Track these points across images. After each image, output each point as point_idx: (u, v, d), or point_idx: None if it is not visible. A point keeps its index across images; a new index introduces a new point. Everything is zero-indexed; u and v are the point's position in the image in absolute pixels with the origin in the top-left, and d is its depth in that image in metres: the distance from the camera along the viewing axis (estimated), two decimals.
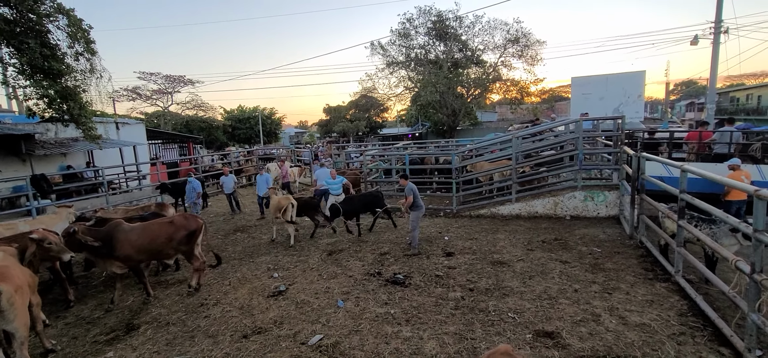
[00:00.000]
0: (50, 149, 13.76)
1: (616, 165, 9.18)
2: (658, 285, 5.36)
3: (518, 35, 27.44)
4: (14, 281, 3.70)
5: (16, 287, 3.66)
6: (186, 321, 5.08)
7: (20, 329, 3.60)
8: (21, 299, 3.69)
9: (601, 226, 8.52)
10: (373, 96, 37.44)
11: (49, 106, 10.99)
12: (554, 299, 5.13)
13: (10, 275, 3.72)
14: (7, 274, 3.71)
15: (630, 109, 19.52)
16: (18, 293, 3.67)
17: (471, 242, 7.88)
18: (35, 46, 9.93)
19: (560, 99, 40.26)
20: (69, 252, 4.90)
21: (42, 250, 4.83)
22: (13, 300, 3.54)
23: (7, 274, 3.72)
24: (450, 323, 4.63)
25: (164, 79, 39.44)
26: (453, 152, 10.98)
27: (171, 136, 25.61)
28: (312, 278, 6.33)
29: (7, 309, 3.48)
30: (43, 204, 11.18)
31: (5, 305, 3.47)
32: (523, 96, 30.27)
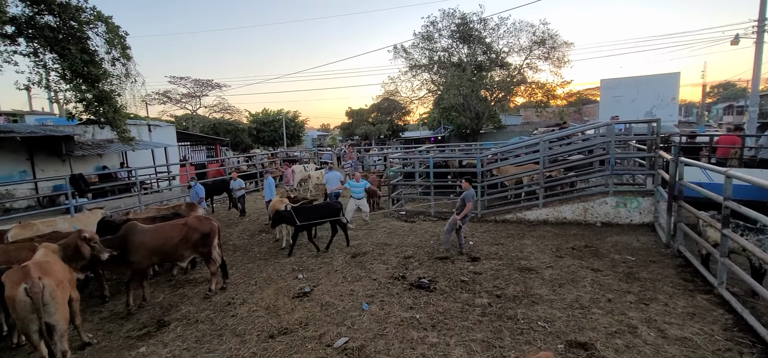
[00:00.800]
0: (87, 150, 14.41)
1: (652, 170, 8.80)
2: (699, 297, 5.08)
3: (545, 37, 26.90)
4: (56, 276, 3.86)
5: (57, 282, 3.81)
6: (214, 319, 5.17)
7: (60, 322, 3.75)
8: (62, 294, 3.83)
9: (635, 233, 8.17)
10: (395, 99, 37.48)
11: (86, 109, 11.52)
12: (586, 308, 4.93)
13: (52, 270, 3.88)
14: (49, 269, 3.87)
15: (663, 113, 18.68)
16: (59, 287, 3.82)
17: (497, 247, 7.71)
18: (76, 52, 10.42)
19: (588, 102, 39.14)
20: (107, 251, 5.02)
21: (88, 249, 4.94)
22: (55, 294, 3.69)
23: (50, 269, 3.88)
24: (477, 330, 4.52)
25: (193, 83, 40.85)
26: (477, 156, 10.81)
27: (199, 138, 26.41)
28: (336, 281, 6.33)
29: (49, 302, 3.63)
30: (80, 203, 11.70)
31: (48, 299, 3.62)
32: (549, 99, 29.60)
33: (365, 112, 46.84)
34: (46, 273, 3.69)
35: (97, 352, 4.49)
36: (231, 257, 8.02)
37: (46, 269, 3.75)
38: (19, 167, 13.65)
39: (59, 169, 14.41)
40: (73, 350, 4.46)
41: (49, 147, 13.98)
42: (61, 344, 3.73)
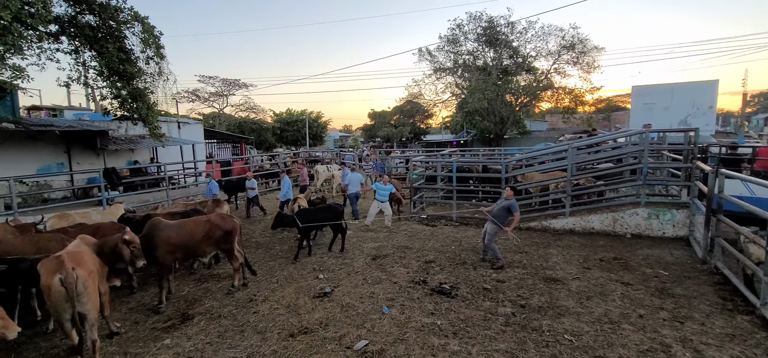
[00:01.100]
0: (120, 145, 15.00)
1: (688, 181, 8.39)
2: (739, 318, 4.78)
3: (574, 41, 26.20)
4: (88, 267, 3.99)
5: (89, 272, 3.94)
6: (236, 315, 5.24)
7: (92, 312, 3.88)
8: (92, 284, 3.96)
9: (668, 247, 7.81)
10: (418, 102, 37.35)
11: (121, 105, 12.00)
12: (616, 323, 4.73)
13: (84, 261, 4.02)
14: (82, 259, 4.01)
15: (699, 122, 17.89)
16: (90, 277, 3.95)
17: (521, 256, 7.52)
18: (113, 50, 10.86)
19: (617, 109, 37.90)
20: (143, 259, 4.99)
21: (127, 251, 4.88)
22: (87, 284, 3.82)
23: (82, 259, 4.02)
24: (500, 340, 4.40)
25: (221, 82, 41.92)
26: (502, 161, 10.60)
27: (225, 137, 27.07)
28: (356, 282, 6.32)
29: (82, 292, 3.75)
30: (112, 195, 12.17)
31: (81, 289, 3.75)
32: (577, 105, 28.78)
33: (388, 114, 46.94)
34: (79, 263, 3.81)
35: (124, 342, 4.62)
36: (253, 254, 8.13)
37: (79, 260, 3.88)
38: (57, 159, 14.33)
39: (94, 162, 15.04)
40: (101, 338, 4.61)
41: (85, 141, 14.62)
42: (91, 332, 3.86)
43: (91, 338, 3.84)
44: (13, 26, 8.39)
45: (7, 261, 4.47)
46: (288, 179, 11.50)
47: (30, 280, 4.74)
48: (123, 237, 4.70)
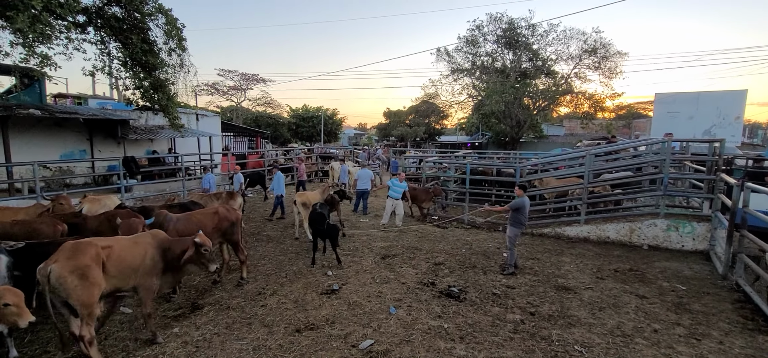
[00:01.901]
0: (140, 134, 15.35)
1: (710, 194, 8.11)
2: (760, 338, 4.59)
3: (596, 46, 25.59)
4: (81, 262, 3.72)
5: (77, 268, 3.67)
6: (244, 307, 5.29)
7: (78, 307, 3.65)
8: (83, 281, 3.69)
9: (687, 260, 7.57)
10: (434, 102, 37.12)
11: (143, 95, 12.27)
12: (629, 337, 4.60)
13: (79, 256, 3.78)
14: (75, 254, 3.78)
15: (724, 132, 17.28)
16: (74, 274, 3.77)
17: (532, 262, 7.40)
18: (137, 41, 11.10)
19: (638, 116, 36.99)
20: (215, 265, 4.78)
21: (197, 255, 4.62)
22: (64, 280, 3.60)
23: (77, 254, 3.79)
24: (508, 348, 4.33)
25: (240, 76, 42.48)
26: (517, 165, 10.45)
27: (241, 130, 27.45)
28: (365, 281, 6.31)
29: (56, 287, 3.59)
30: (130, 183, 12.47)
31: (54, 283, 3.58)
32: (596, 111, 28.16)
33: (403, 113, 46.86)
34: (69, 258, 3.69)
35: (134, 329, 4.72)
36: (263, 247, 8.22)
37: (71, 254, 3.74)
38: (80, 146, 14.76)
39: (114, 150, 15.44)
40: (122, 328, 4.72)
41: (107, 129, 15.03)
42: (79, 326, 3.73)
43: (79, 332, 3.70)
44: (42, 15, 8.65)
45: (27, 245, 4.59)
46: (281, 174, 11.26)
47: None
48: (194, 240, 4.56)
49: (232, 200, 8.65)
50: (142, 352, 4.18)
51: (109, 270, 3.95)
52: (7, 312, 3.05)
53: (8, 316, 3.07)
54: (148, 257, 4.30)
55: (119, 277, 4.07)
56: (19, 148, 12.35)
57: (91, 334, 3.74)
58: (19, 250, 4.39)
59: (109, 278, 3.95)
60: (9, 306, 3.04)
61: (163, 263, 4.44)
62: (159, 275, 4.42)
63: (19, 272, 4.33)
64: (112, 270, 3.98)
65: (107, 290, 3.98)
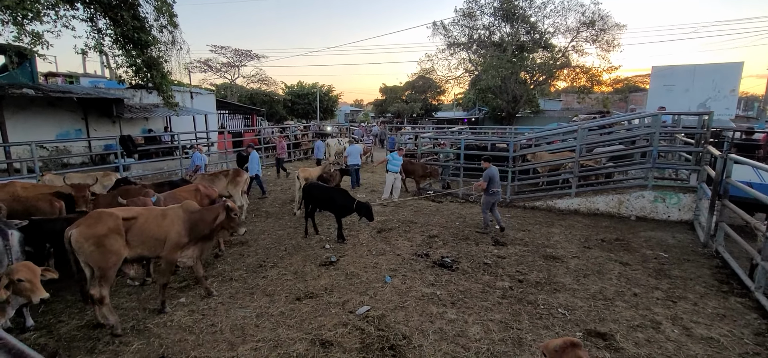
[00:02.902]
0: (135, 113, 15.31)
1: (697, 165, 8.34)
2: (732, 299, 4.90)
3: (595, 18, 25.33)
4: (98, 231, 4.04)
5: (95, 236, 4.02)
6: (247, 279, 5.53)
7: (96, 269, 4.04)
8: (100, 246, 4.04)
9: (671, 230, 7.86)
10: (430, 78, 36.88)
11: (136, 74, 12.20)
12: (610, 300, 4.89)
13: (97, 225, 4.12)
14: (95, 222, 4.11)
15: (719, 105, 17.43)
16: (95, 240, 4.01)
17: (523, 234, 7.66)
18: (128, 17, 10.98)
19: (635, 90, 36.90)
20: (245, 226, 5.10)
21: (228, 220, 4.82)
22: (82, 245, 4.01)
23: (95, 222, 4.11)
24: (496, 311, 4.61)
25: (233, 52, 41.86)
26: (510, 140, 10.61)
27: (237, 108, 27.28)
28: (361, 253, 6.56)
29: (77, 250, 4.03)
30: (128, 162, 12.55)
31: (75, 247, 3.99)
32: (593, 85, 28.11)
33: (399, 89, 46.51)
34: (89, 226, 4.02)
35: (141, 300, 4.95)
36: (263, 223, 8.44)
37: (91, 222, 4.06)
38: (75, 126, 14.75)
39: (110, 129, 15.44)
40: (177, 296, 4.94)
41: (101, 108, 14.98)
42: (94, 287, 4.07)
43: (94, 293, 4.03)
44: None
45: (35, 221, 4.77)
46: (256, 154, 11.12)
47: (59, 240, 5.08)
48: (225, 205, 4.77)
49: (238, 177, 8.74)
50: (152, 320, 4.42)
51: (131, 240, 4.27)
52: (21, 287, 3.22)
53: (22, 290, 3.24)
54: (175, 231, 4.54)
55: (143, 246, 4.38)
56: (15, 129, 12.36)
57: (102, 294, 4.06)
58: (28, 227, 4.57)
59: (132, 247, 4.28)
60: (22, 282, 3.21)
61: (192, 234, 4.67)
62: (186, 247, 4.66)
63: (30, 247, 4.53)
64: (135, 240, 4.30)
65: (131, 256, 4.32)
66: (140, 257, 4.50)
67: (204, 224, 4.70)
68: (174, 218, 4.58)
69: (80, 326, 4.28)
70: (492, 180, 7.58)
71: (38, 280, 3.30)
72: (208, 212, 4.81)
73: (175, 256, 4.57)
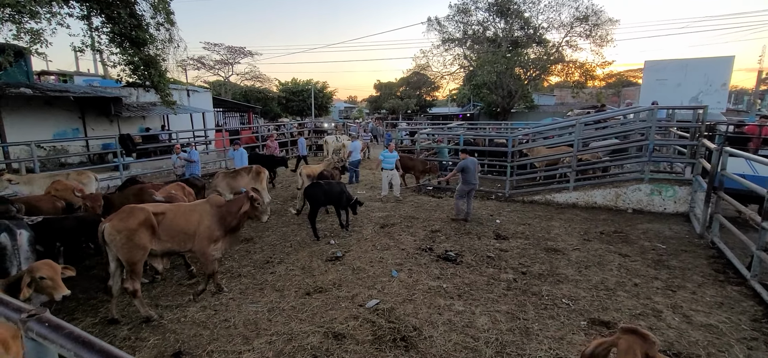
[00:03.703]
0: (133, 112, 15.22)
1: (693, 159, 8.52)
2: (729, 288, 5.06)
3: (588, 13, 25.53)
4: (129, 225, 4.19)
5: (127, 229, 4.17)
6: (255, 275, 5.61)
7: (126, 262, 4.18)
8: (130, 239, 4.21)
9: (668, 222, 8.04)
10: (425, 74, 36.94)
11: (133, 72, 12.14)
12: (612, 290, 5.03)
13: (128, 219, 4.27)
14: (126, 216, 4.25)
15: (711, 99, 17.68)
16: (122, 233, 4.20)
17: (524, 227, 7.80)
18: (125, 15, 10.92)
19: (628, 84, 37.29)
20: (268, 214, 5.20)
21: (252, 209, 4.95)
22: (113, 237, 4.11)
23: (126, 216, 4.26)
24: (502, 303, 4.73)
25: (226, 49, 41.56)
26: (509, 135, 10.74)
27: (232, 105, 27.16)
28: (366, 248, 6.65)
29: (109, 243, 4.19)
30: (127, 161, 12.51)
31: (108, 239, 4.12)
32: (587, 79, 28.37)
33: (394, 85, 46.55)
34: (121, 220, 4.16)
35: (153, 297, 5.00)
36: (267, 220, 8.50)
37: (124, 216, 4.21)
38: (72, 125, 14.62)
39: (107, 128, 15.33)
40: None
41: (98, 107, 14.87)
42: (125, 281, 4.24)
43: (126, 285, 4.22)
44: None
45: (46, 220, 4.80)
46: (244, 150, 10.95)
47: (71, 238, 5.13)
48: (249, 195, 4.90)
49: (261, 173, 8.86)
50: (167, 316, 4.48)
51: (161, 235, 4.40)
52: (43, 285, 3.26)
53: (45, 289, 3.28)
54: (204, 225, 4.65)
55: (173, 241, 4.50)
56: (11, 128, 12.25)
57: (135, 287, 4.22)
58: (39, 224, 4.61)
59: (161, 242, 4.42)
60: (45, 279, 3.25)
61: (222, 227, 4.78)
62: (218, 239, 4.78)
63: (41, 247, 4.57)
64: (164, 235, 4.42)
65: (160, 251, 4.46)
66: (170, 251, 4.60)
67: (231, 216, 4.82)
68: (203, 213, 4.70)
69: (95, 323, 4.34)
70: (466, 170, 8.08)
71: (60, 277, 3.35)
72: (233, 203, 4.95)
73: (209, 249, 4.69)
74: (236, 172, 8.94)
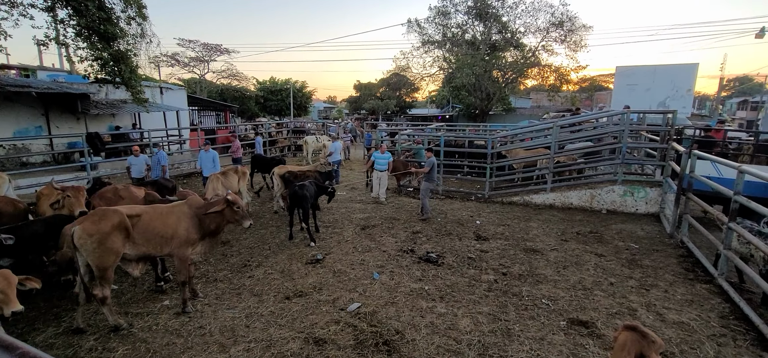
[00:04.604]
0: (102, 109, 14.57)
1: (663, 161, 8.84)
2: (698, 286, 5.26)
3: (563, 19, 26.23)
4: (101, 228, 3.94)
5: (98, 233, 3.92)
6: (232, 279, 5.43)
7: (95, 268, 3.94)
8: (102, 243, 3.95)
9: (640, 222, 8.31)
10: (405, 75, 37.07)
11: (102, 68, 11.59)
12: (589, 290, 5.13)
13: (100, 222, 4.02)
14: (97, 219, 3.99)
15: (677, 104, 18.43)
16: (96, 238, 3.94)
17: (503, 228, 7.89)
18: (93, 8, 10.42)
19: (600, 88, 38.52)
20: (249, 220, 4.75)
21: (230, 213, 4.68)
22: (84, 241, 3.86)
23: (98, 219, 3.99)
24: (483, 304, 4.74)
25: (202, 46, 40.37)
26: (489, 137, 10.87)
27: (208, 104, 26.45)
28: (347, 250, 6.56)
29: (79, 246, 3.93)
30: (95, 161, 11.94)
31: (77, 243, 3.86)
32: (562, 83, 29.15)
33: (374, 86, 46.50)
34: (93, 223, 3.92)
35: (123, 304, 4.76)
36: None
37: (96, 219, 3.97)
38: (35, 123, 13.86)
39: (74, 126, 14.61)
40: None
41: (64, 104, 14.15)
42: (94, 287, 3.99)
43: (95, 292, 3.97)
44: None
45: (13, 228, 4.46)
46: (214, 152, 10.00)
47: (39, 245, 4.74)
48: (226, 197, 4.65)
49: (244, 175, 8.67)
50: (137, 323, 4.26)
51: (136, 238, 4.16)
52: None
53: None
54: (182, 227, 4.41)
55: (148, 244, 4.26)
56: None
57: (105, 293, 3.99)
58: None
59: (136, 245, 4.17)
60: None
61: (201, 230, 4.55)
62: (196, 243, 4.55)
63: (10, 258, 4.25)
64: (139, 238, 4.18)
65: (135, 255, 4.21)
66: (145, 256, 4.35)
67: (209, 219, 4.59)
68: (181, 215, 4.47)
69: (58, 333, 4.08)
70: (433, 168, 8.57)
71: (14, 291, 3.07)
72: (210, 205, 4.72)
73: (187, 252, 4.47)
74: (226, 171, 8.61)
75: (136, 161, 9.17)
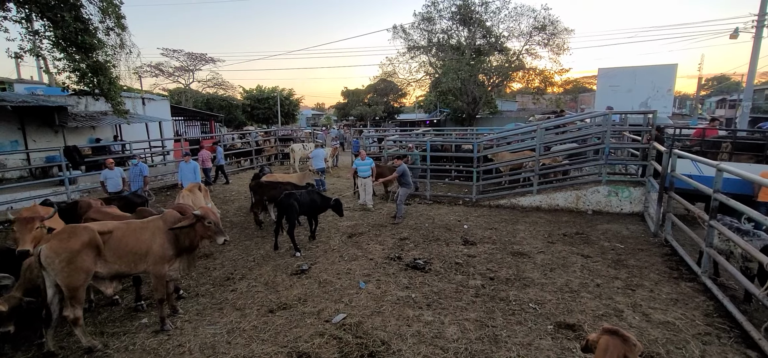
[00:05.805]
0: (81, 122, 14.21)
1: (645, 161, 8.96)
2: (683, 284, 5.29)
3: (545, 23, 26.67)
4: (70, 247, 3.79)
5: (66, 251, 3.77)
6: (214, 293, 5.28)
7: (64, 288, 3.77)
8: (70, 263, 3.80)
9: (625, 222, 8.39)
10: (392, 81, 37.19)
11: (80, 79, 11.30)
12: (576, 292, 5.12)
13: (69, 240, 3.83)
14: (66, 236, 3.82)
15: (658, 104, 18.84)
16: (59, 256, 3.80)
17: (490, 232, 7.88)
18: (70, 19, 10.18)
19: (584, 90, 39.21)
20: (224, 236, 4.48)
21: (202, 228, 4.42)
22: (52, 261, 3.69)
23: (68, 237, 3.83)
24: (471, 310, 4.69)
25: (186, 56, 39.94)
26: (474, 141, 10.89)
27: (193, 114, 26.11)
28: (333, 259, 6.46)
29: (46, 265, 3.74)
30: (74, 175, 11.62)
31: (44, 262, 3.69)
32: (546, 86, 29.58)
33: (361, 92, 46.58)
34: (61, 241, 3.75)
35: (99, 323, 4.58)
36: (228, 233, 8.06)
37: (64, 237, 3.80)
38: (10, 137, 13.46)
39: (52, 140, 14.22)
40: None
41: (41, 117, 13.77)
42: (65, 308, 3.83)
43: (66, 314, 3.80)
44: None
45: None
46: (195, 163, 9.84)
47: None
48: (194, 212, 4.42)
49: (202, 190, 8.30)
50: (114, 343, 4.09)
51: (107, 256, 3.99)
52: None
53: None
54: (157, 244, 4.23)
55: (121, 262, 4.09)
56: None
57: (76, 315, 3.82)
58: None
59: (107, 264, 4.00)
60: None
61: (176, 246, 4.36)
62: (172, 259, 4.36)
63: None
64: (111, 256, 4.02)
65: (107, 273, 4.03)
66: (119, 274, 4.16)
67: (184, 235, 4.40)
68: (155, 231, 4.29)
69: None
70: (405, 174, 9.01)
71: None
72: (183, 220, 4.50)
73: (163, 270, 4.29)
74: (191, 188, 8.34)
75: (112, 175, 8.88)
